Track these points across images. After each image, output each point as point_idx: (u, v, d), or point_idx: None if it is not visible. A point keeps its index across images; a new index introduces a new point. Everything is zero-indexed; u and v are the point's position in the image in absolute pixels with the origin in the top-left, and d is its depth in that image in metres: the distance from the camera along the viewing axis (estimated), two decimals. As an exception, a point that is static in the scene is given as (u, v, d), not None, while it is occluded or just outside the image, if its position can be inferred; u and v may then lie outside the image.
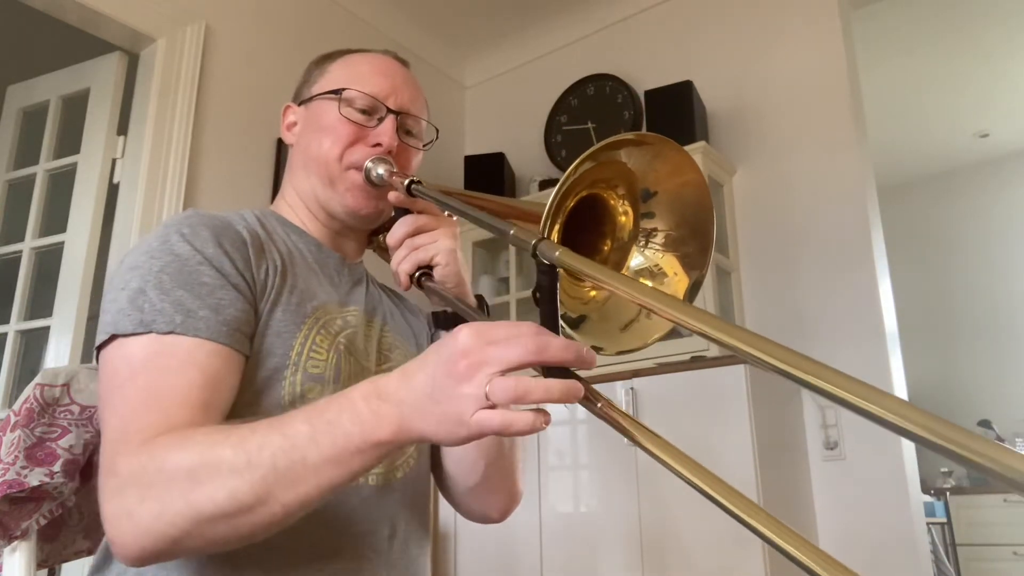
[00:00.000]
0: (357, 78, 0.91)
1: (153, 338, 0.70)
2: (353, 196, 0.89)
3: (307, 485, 0.60)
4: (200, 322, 0.71)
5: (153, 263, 0.74)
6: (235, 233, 0.80)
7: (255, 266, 0.79)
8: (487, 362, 0.54)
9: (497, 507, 0.92)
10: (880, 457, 2.22)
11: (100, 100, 2.39)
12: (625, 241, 0.67)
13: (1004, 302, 4.61)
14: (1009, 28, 3.51)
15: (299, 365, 0.78)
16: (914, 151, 4.70)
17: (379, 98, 0.90)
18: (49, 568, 0.96)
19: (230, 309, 0.74)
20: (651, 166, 0.64)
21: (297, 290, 0.82)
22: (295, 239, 0.90)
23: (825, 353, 2.35)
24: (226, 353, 0.72)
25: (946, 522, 4.13)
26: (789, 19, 2.69)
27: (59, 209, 2.36)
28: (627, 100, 2.96)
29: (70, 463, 0.88)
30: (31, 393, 0.88)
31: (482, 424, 0.54)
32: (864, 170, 2.48)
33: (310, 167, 0.91)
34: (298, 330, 0.79)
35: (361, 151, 0.88)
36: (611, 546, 2.12)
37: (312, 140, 0.91)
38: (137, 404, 0.68)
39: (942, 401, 4.52)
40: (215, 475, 0.60)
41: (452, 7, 3.20)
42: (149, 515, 0.61)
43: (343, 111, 0.89)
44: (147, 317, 0.71)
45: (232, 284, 0.75)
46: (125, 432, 0.66)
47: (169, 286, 0.72)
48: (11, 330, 2.32)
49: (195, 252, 0.75)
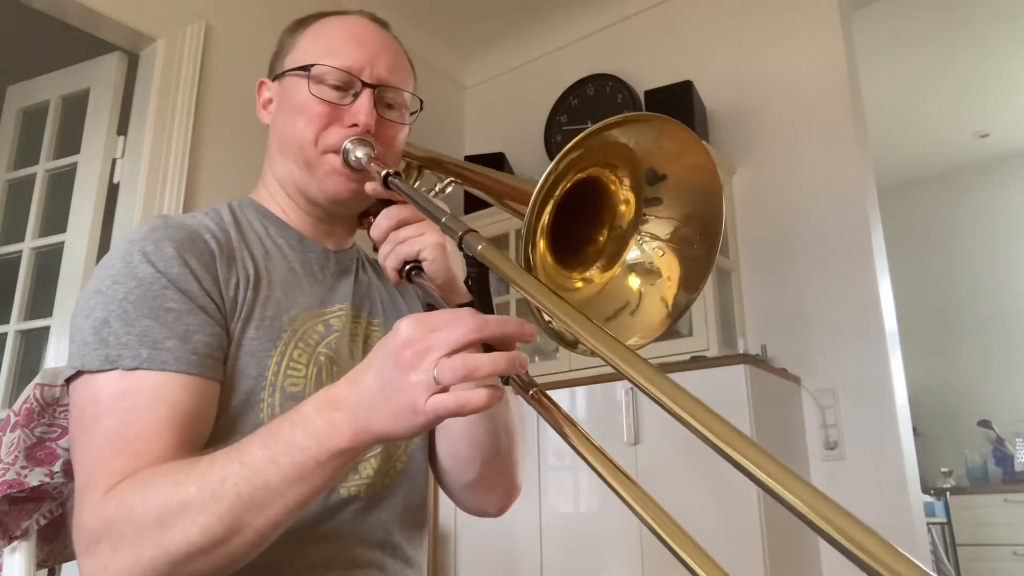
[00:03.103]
0: (328, 50, 0.83)
1: (119, 375, 0.67)
2: (332, 181, 0.82)
3: (275, 507, 0.59)
4: (167, 354, 0.68)
5: (117, 289, 0.70)
6: (202, 245, 0.75)
7: (223, 282, 0.75)
8: (431, 347, 0.54)
9: (494, 503, 0.90)
10: (880, 457, 2.22)
11: (100, 100, 2.39)
12: (624, 230, 0.64)
13: (1004, 302, 4.61)
14: (1009, 28, 3.51)
15: (276, 385, 0.74)
16: (914, 151, 4.70)
17: (353, 72, 0.82)
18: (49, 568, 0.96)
19: (199, 335, 0.70)
20: (657, 145, 0.60)
21: (272, 301, 0.78)
22: (274, 234, 0.85)
23: (825, 353, 2.35)
24: (198, 384, 0.69)
25: (946, 522, 4.13)
26: (789, 19, 2.69)
27: (59, 209, 2.36)
28: (627, 100, 2.96)
29: (70, 463, 0.88)
30: (31, 393, 0.88)
31: (436, 408, 0.53)
32: (864, 170, 2.48)
33: (286, 151, 0.85)
34: (273, 347, 0.76)
35: (337, 132, 0.81)
36: (611, 546, 2.12)
37: (286, 121, 0.84)
38: (104, 448, 0.65)
39: (942, 401, 4.52)
40: (183, 515, 0.59)
41: (452, 7, 3.20)
42: (124, 565, 0.61)
43: (313, 90, 0.81)
44: (112, 352, 0.68)
45: (200, 307, 0.71)
46: (92, 478, 0.65)
47: (134, 315, 0.69)
48: (11, 330, 2.32)
49: (159, 275, 0.71)
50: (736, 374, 2.04)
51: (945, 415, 4.49)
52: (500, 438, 0.85)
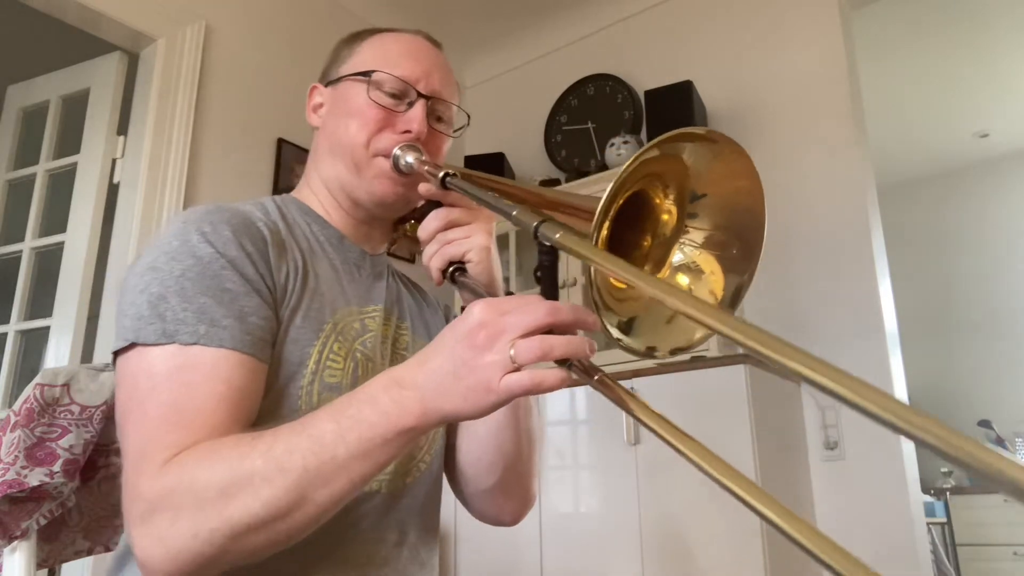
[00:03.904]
0: (387, 60, 0.87)
1: (176, 349, 0.67)
2: (380, 184, 0.85)
3: (339, 482, 0.60)
4: (224, 332, 0.68)
5: (174, 266, 0.70)
6: (256, 231, 0.76)
7: (275, 269, 0.76)
8: (506, 329, 0.56)
9: (510, 510, 0.91)
10: (880, 457, 2.22)
11: (100, 100, 2.39)
12: (668, 237, 0.65)
13: (1004, 302, 4.61)
14: (1009, 28, 3.51)
15: (316, 374, 0.76)
16: (914, 151, 4.70)
17: (410, 82, 0.86)
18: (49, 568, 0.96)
19: (253, 317, 0.71)
20: (708, 167, 0.62)
21: (317, 294, 0.79)
22: (316, 231, 0.87)
23: (825, 353, 2.33)
24: (251, 363, 0.70)
25: (946, 522, 4.13)
26: (789, 19, 2.69)
27: (59, 209, 2.36)
28: (627, 100, 2.96)
29: (70, 463, 0.88)
30: (31, 393, 0.88)
31: (511, 387, 0.55)
32: (864, 170, 2.48)
33: (336, 152, 0.87)
34: (316, 338, 0.77)
35: (389, 137, 0.84)
36: (611, 546, 2.12)
37: (339, 124, 0.87)
38: (159, 421, 0.65)
39: (942, 401, 4.52)
40: (248, 487, 0.60)
41: (452, 7, 3.20)
42: (183, 537, 0.60)
43: (372, 94, 0.85)
44: (170, 327, 0.68)
45: (255, 290, 0.72)
46: (146, 451, 0.64)
47: (192, 292, 0.69)
48: (11, 330, 2.32)
49: (217, 255, 0.71)
50: (736, 374, 2.04)
51: (945, 415, 4.48)
52: (523, 445, 0.86)
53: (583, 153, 3.02)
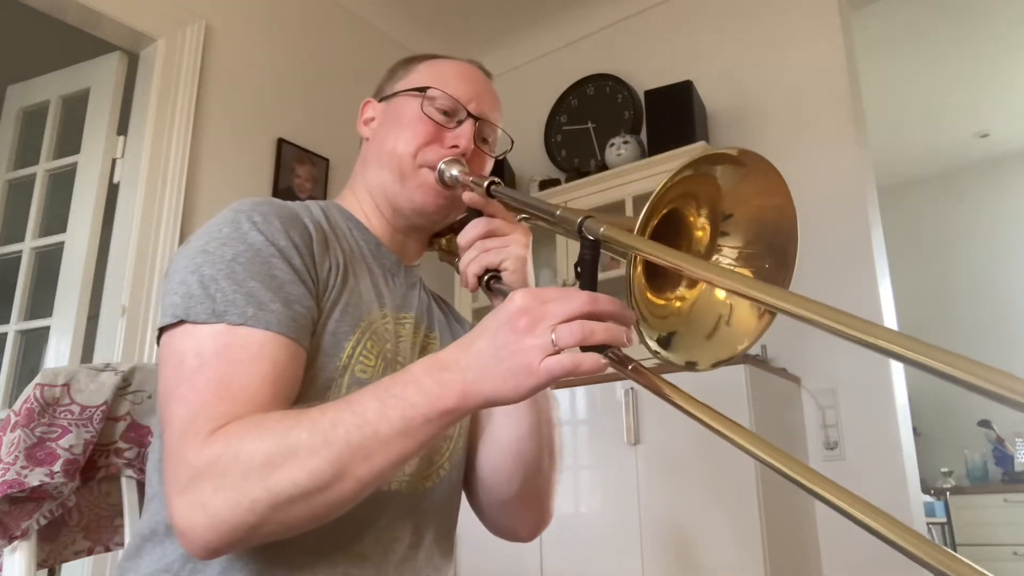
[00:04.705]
0: (442, 80, 0.91)
1: (224, 328, 0.69)
2: (423, 193, 0.88)
3: (380, 458, 0.62)
4: (272, 315, 0.71)
5: (225, 250, 0.73)
6: (303, 226, 0.79)
7: (319, 263, 0.79)
8: (547, 315, 0.59)
9: (527, 524, 0.94)
10: (880, 457, 2.22)
11: (100, 100, 2.39)
12: (702, 254, 0.67)
13: (1004, 302, 4.61)
14: (1009, 28, 3.51)
15: (349, 368, 0.78)
16: (914, 151, 4.70)
17: (461, 101, 0.90)
18: (49, 568, 0.96)
19: (298, 305, 0.74)
20: (739, 186, 0.63)
21: (356, 292, 0.82)
22: (357, 235, 0.90)
23: (825, 353, 2.35)
24: (294, 348, 0.72)
25: (946, 522, 4.13)
26: (789, 19, 2.69)
27: (59, 209, 2.36)
28: (627, 100, 2.96)
29: (70, 463, 0.88)
30: (31, 393, 0.88)
31: (551, 369, 0.58)
32: (864, 170, 2.48)
33: (383, 160, 0.90)
34: (351, 333, 0.79)
35: (436, 151, 0.88)
36: (612, 546, 2.12)
37: (389, 134, 0.91)
38: (208, 395, 0.67)
39: (942, 401, 4.51)
40: (293, 458, 0.61)
41: (452, 7, 3.20)
42: (226, 504, 0.61)
43: (425, 109, 0.89)
44: (219, 307, 0.70)
45: (301, 279, 0.75)
46: (194, 422, 0.65)
47: (242, 276, 0.71)
48: (11, 330, 2.32)
49: (268, 243, 0.74)
50: (736, 374, 2.04)
51: (945, 415, 4.48)
52: (544, 458, 0.89)
53: (583, 153, 3.02)
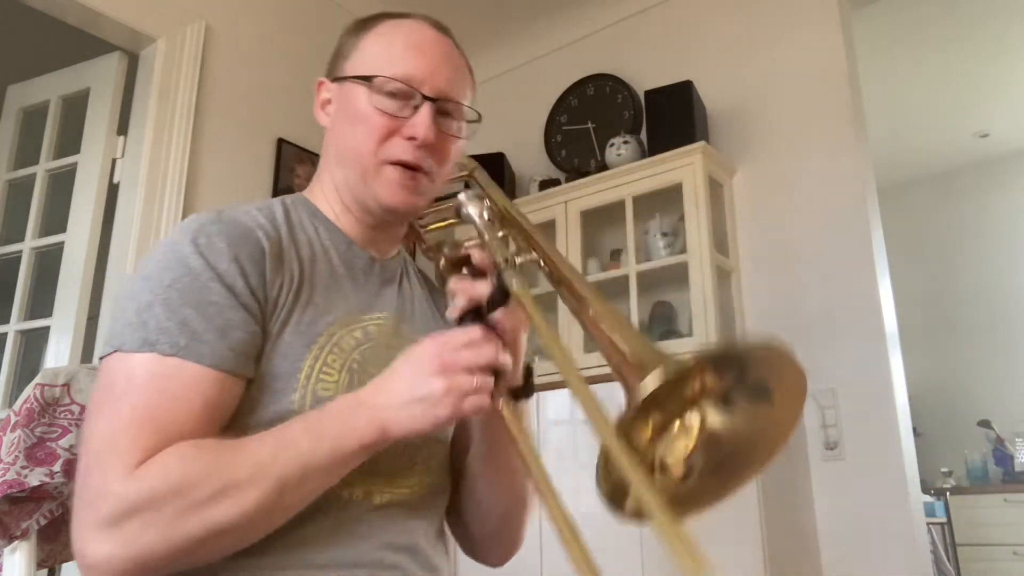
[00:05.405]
0: (390, 58, 0.82)
1: (155, 358, 0.68)
2: (390, 192, 0.82)
3: (309, 488, 0.67)
4: (205, 347, 0.69)
5: (164, 275, 0.72)
6: (254, 243, 0.76)
7: (269, 282, 0.76)
8: (455, 363, 0.67)
9: (498, 554, 0.97)
10: (880, 457, 2.22)
11: (100, 100, 2.39)
12: (671, 438, 0.64)
13: (1004, 302, 4.61)
14: (1009, 28, 3.51)
15: (308, 388, 0.75)
16: (914, 151, 4.70)
17: (413, 83, 0.81)
18: (49, 568, 0.96)
19: (237, 332, 0.72)
20: (757, 417, 0.61)
21: (312, 305, 0.79)
22: (323, 235, 0.85)
23: (825, 353, 2.35)
24: (228, 381, 0.71)
25: (946, 522, 4.13)
26: (789, 19, 2.69)
27: (59, 209, 2.36)
28: (627, 100, 2.96)
29: (70, 463, 0.88)
30: (31, 393, 0.88)
31: (457, 409, 0.67)
32: (864, 170, 2.48)
33: (343, 159, 0.85)
34: (308, 351, 0.76)
35: (398, 144, 0.81)
36: (611, 546, 2.12)
37: (345, 130, 0.84)
38: (132, 420, 0.66)
39: (942, 401, 4.52)
40: (229, 493, 0.63)
41: (452, 7, 3.20)
42: (156, 539, 0.62)
43: (374, 101, 0.81)
44: (151, 336, 0.69)
45: (242, 304, 0.73)
46: (116, 448, 0.65)
47: (177, 303, 0.70)
48: (11, 330, 2.32)
49: (208, 267, 0.72)
50: (736, 374, 2.03)
51: (945, 415, 4.48)
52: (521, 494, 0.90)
53: (583, 153, 3.02)
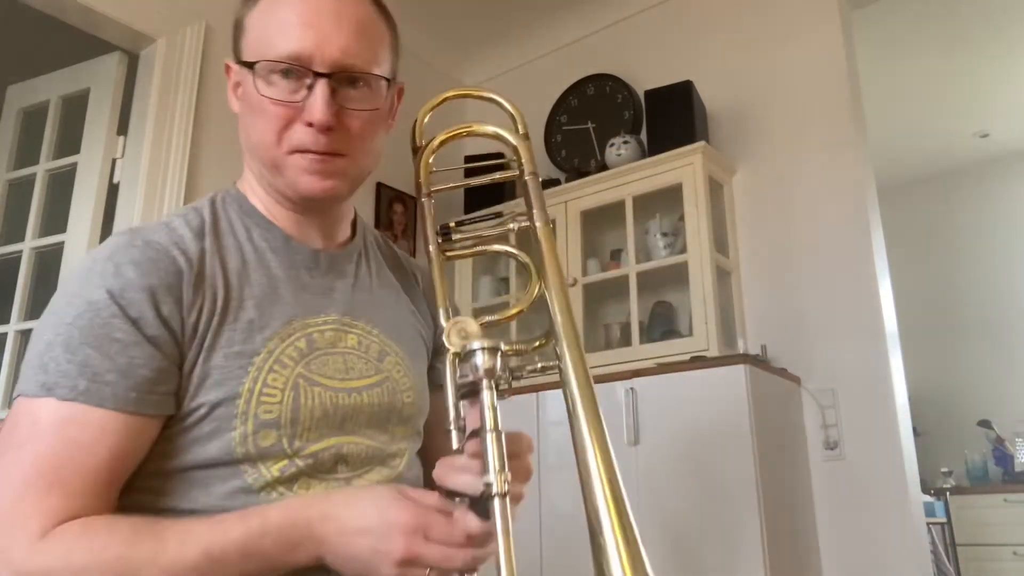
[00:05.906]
0: (274, 37, 0.74)
1: (56, 404, 0.64)
2: (305, 181, 0.76)
3: None
4: (107, 388, 0.65)
5: (67, 311, 0.67)
6: (168, 265, 0.70)
7: (187, 307, 0.70)
8: (423, 556, 0.61)
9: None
10: (880, 457, 2.22)
11: (100, 100, 2.39)
12: None
13: (1004, 302, 4.61)
14: (1009, 28, 3.50)
15: (248, 413, 0.70)
16: (914, 151, 4.69)
17: (302, 61, 0.72)
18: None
19: (143, 369, 0.67)
20: None
21: (242, 324, 0.73)
22: (256, 236, 0.80)
23: (825, 353, 2.35)
24: (135, 424, 0.66)
25: (946, 522, 4.13)
26: (789, 19, 2.69)
27: (59, 209, 2.36)
28: (627, 100, 2.96)
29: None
30: None
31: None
32: (864, 170, 2.48)
33: (253, 151, 0.79)
34: (244, 374, 0.71)
35: (298, 132, 0.74)
36: (611, 546, 2.12)
37: (248, 120, 0.78)
38: (36, 475, 0.63)
39: (942, 401, 4.51)
40: None
41: (452, 7, 3.20)
42: None
43: (262, 89, 0.74)
44: (50, 379, 0.65)
45: (148, 338, 0.67)
46: (22, 509, 0.62)
47: (77, 342, 0.66)
48: (11, 330, 2.32)
49: (111, 301, 0.67)
50: (736, 374, 2.04)
51: (945, 415, 4.48)
52: None
53: (583, 153, 3.02)
